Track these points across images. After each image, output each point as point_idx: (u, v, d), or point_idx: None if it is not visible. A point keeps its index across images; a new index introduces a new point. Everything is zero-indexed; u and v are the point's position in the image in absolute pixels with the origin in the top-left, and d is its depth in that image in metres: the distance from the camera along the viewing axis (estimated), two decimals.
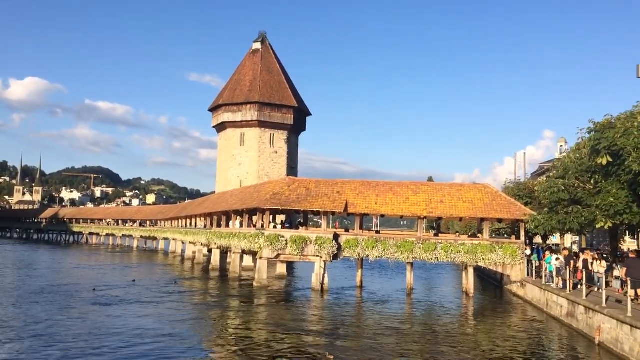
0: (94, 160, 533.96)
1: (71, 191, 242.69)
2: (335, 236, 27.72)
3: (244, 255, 37.30)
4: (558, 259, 22.59)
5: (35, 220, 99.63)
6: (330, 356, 13.65)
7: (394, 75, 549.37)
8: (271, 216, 31.11)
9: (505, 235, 34.78)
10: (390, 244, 27.20)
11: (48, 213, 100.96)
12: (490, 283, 35.65)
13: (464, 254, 26.63)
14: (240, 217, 34.52)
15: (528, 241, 30.66)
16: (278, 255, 27.89)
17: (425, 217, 28.91)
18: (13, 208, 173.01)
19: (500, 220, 31.23)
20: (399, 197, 28.52)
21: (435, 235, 32.81)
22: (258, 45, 66.17)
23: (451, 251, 26.69)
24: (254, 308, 22.66)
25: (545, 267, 23.19)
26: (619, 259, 21.52)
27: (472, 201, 27.86)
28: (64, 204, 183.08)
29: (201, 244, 44.16)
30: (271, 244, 27.38)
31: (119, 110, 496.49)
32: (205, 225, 44.73)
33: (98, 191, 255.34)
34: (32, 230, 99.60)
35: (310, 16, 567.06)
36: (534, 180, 40.48)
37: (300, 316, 20.98)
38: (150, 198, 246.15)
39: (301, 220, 35.41)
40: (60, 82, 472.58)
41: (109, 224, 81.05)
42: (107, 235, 78.81)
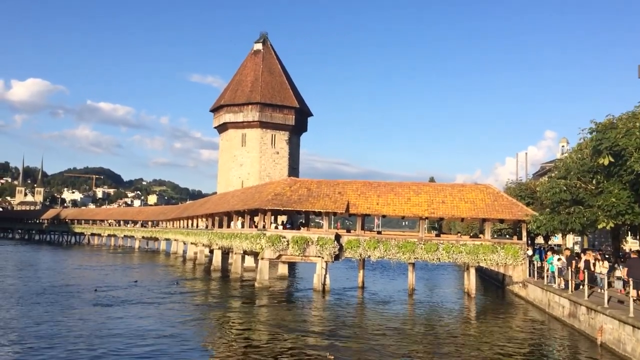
0: (95, 161, 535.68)
1: (73, 192, 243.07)
2: (337, 237, 27.71)
3: (246, 256, 37.32)
4: (560, 259, 22.55)
5: (37, 221, 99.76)
6: (330, 356, 13.65)
7: (395, 75, 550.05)
8: (272, 217, 31.09)
9: (507, 236, 34.73)
10: (391, 244, 27.19)
11: (50, 214, 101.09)
12: (492, 284, 35.60)
13: (466, 254, 26.61)
14: (241, 218, 34.52)
15: (530, 242, 30.62)
16: (279, 256, 27.89)
17: (426, 218, 28.90)
18: (15, 209, 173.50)
19: (501, 221, 31.19)
20: (401, 198, 28.51)
21: (437, 235, 32.80)
22: (259, 46, 66.19)
23: (453, 252, 26.67)
24: (256, 309, 22.65)
25: (547, 268, 23.16)
26: (621, 260, 21.47)
27: (474, 202, 27.84)
28: (65, 204, 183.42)
29: (203, 245, 44.16)
30: (273, 245, 27.38)
31: (120, 111, 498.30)
32: (206, 226, 44.75)
33: (100, 192, 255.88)
34: (34, 231, 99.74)
35: (311, 17, 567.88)
36: (535, 181, 40.47)
37: (301, 317, 20.98)
38: (152, 199, 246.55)
39: (302, 221, 35.39)
40: (61, 83, 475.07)
41: (111, 225, 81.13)
42: (109, 236, 78.87)
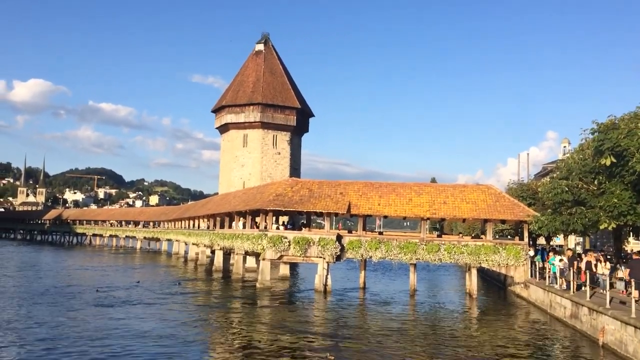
0: (97, 161, 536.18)
1: (74, 192, 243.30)
2: (338, 237, 27.70)
3: (247, 257, 37.33)
4: (562, 260, 22.53)
5: (39, 222, 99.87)
6: (331, 357, 13.65)
7: (396, 75, 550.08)
8: (274, 217, 31.11)
9: (509, 237, 34.68)
10: (393, 245, 27.18)
11: (51, 214, 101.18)
12: (494, 284, 35.57)
13: (467, 255, 26.58)
14: (243, 219, 34.54)
15: (531, 242, 30.59)
16: (281, 257, 27.89)
17: (428, 218, 28.88)
18: (17, 209, 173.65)
19: (503, 221, 31.13)
20: (402, 198, 28.49)
21: (439, 236, 32.76)
22: (261, 47, 66.23)
23: (454, 252, 26.65)
24: (257, 309, 22.65)
25: (549, 268, 23.13)
26: (623, 260, 21.45)
27: (476, 202, 27.82)
28: (67, 205, 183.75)
29: (204, 245, 44.18)
30: (274, 245, 27.38)
31: (122, 111, 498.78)
32: (208, 227, 44.78)
33: (101, 192, 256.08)
34: (36, 232, 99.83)
35: (312, 17, 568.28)
36: (537, 181, 40.42)
37: (303, 317, 20.97)
38: (154, 199, 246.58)
39: (304, 222, 35.39)
40: (63, 84, 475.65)
41: (112, 225, 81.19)
42: (111, 236, 78.92)
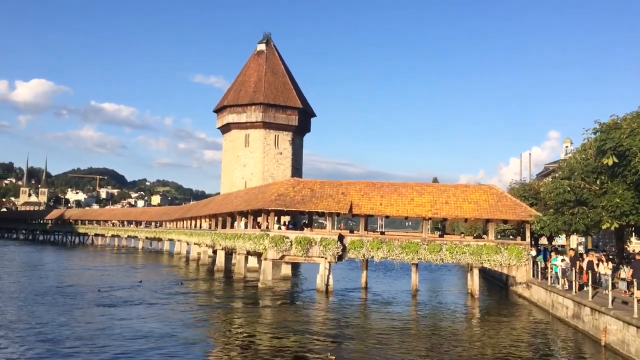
0: (99, 161, 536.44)
1: (77, 192, 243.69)
2: (340, 237, 27.70)
3: (249, 257, 37.34)
4: (564, 260, 22.50)
5: (41, 222, 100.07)
6: (331, 357, 13.65)
7: (398, 75, 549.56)
8: (276, 217, 31.11)
9: (511, 237, 34.66)
10: (395, 245, 27.17)
11: (54, 214, 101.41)
12: (496, 284, 35.53)
13: (469, 255, 26.57)
14: (245, 218, 34.55)
15: (533, 242, 30.55)
16: (283, 257, 27.91)
17: (430, 218, 28.87)
18: (19, 209, 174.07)
19: (505, 221, 31.10)
20: (404, 198, 28.48)
21: (440, 236, 32.72)
22: (262, 47, 66.18)
23: (456, 252, 26.63)
24: (259, 309, 22.66)
25: (551, 268, 23.10)
26: (625, 260, 21.41)
27: (477, 202, 27.80)
28: (69, 205, 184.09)
29: (206, 245, 44.21)
30: (276, 245, 27.40)
31: (124, 111, 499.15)
32: (210, 227, 44.81)
33: (103, 192, 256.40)
34: (38, 231, 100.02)
35: (314, 17, 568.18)
36: (539, 181, 40.40)
37: (305, 317, 20.98)
38: (156, 199, 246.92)
39: (306, 222, 35.40)
40: (65, 84, 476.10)
41: (114, 225, 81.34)
42: (113, 236, 79.07)
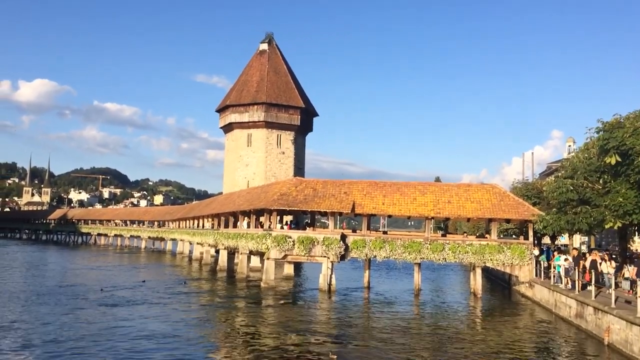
0: (102, 161, 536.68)
1: (79, 192, 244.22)
2: (343, 237, 27.70)
3: (252, 256, 37.36)
4: (567, 259, 22.46)
5: (44, 221, 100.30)
6: (333, 356, 13.66)
7: (400, 75, 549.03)
8: (278, 217, 31.12)
9: (514, 236, 34.62)
10: (397, 244, 27.16)
11: (57, 214, 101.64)
12: (498, 284, 35.49)
13: (472, 254, 26.54)
14: (247, 218, 34.58)
15: (536, 241, 30.50)
16: (285, 256, 27.92)
17: (432, 218, 28.84)
18: (22, 209, 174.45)
19: (508, 221, 31.08)
20: (407, 198, 28.46)
21: (443, 235, 32.75)
22: (265, 46, 66.17)
23: (459, 252, 26.61)
24: (261, 309, 22.68)
25: (554, 268, 23.06)
26: (629, 260, 21.36)
27: (480, 201, 27.76)
28: (72, 204, 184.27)
29: (209, 245, 44.26)
30: (278, 245, 27.41)
31: (126, 111, 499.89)
32: (212, 226, 44.85)
33: (106, 192, 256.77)
34: (41, 231, 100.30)
35: (316, 17, 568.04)
36: (542, 181, 40.27)
37: (307, 317, 20.98)
38: (158, 199, 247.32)
39: (308, 221, 35.42)
40: (68, 84, 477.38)
41: (117, 225, 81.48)
42: (115, 236, 79.23)
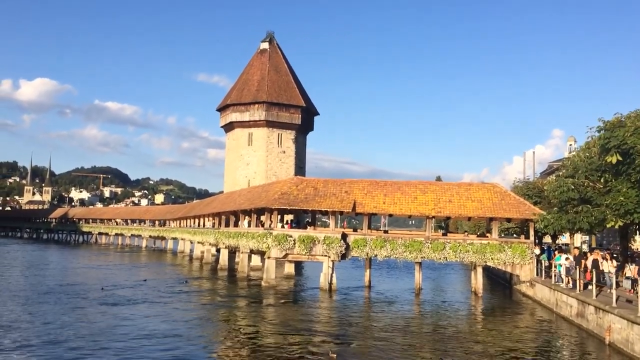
0: (102, 160, 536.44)
1: (80, 191, 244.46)
2: (344, 236, 27.70)
3: (252, 255, 37.37)
4: (568, 258, 22.44)
5: (45, 220, 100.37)
6: (333, 355, 13.66)
7: (402, 74, 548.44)
8: (279, 216, 31.12)
9: (515, 235, 34.59)
10: (398, 243, 27.15)
11: (57, 213, 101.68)
12: (499, 283, 35.49)
13: (473, 253, 26.53)
14: (248, 217, 34.59)
15: (537, 241, 30.48)
16: (286, 255, 27.92)
17: (433, 217, 28.83)
18: (23, 208, 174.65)
19: (509, 220, 31.07)
20: (407, 197, 28.45)
21: (444, 234, 32.72)
22: (266, 45, 66.15)
23: (460, 251, 26.59)
24: (262, 308, 22.68)
25: (555, 267, 23.05)
26: (630, 259, 21.34)
27: (481, 200, 27.75)
28: (73, 203, 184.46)
29: (209, 244, 44.29)
30: (279, 244, 27.41)
31: (127, 110, 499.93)
32: (213, 225, 44.87)
33: (107, 191, 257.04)
34: (42, 230, 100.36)
35: (317, 17, 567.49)
36: (543, 180, 40.29)
37: (308, 316, 20.97)
38: (159, 198, 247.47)
39: (309, 220, 35.42)
40: (69, 83, 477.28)
41: (118, 224, 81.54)
42: (116, 235, 79.29)
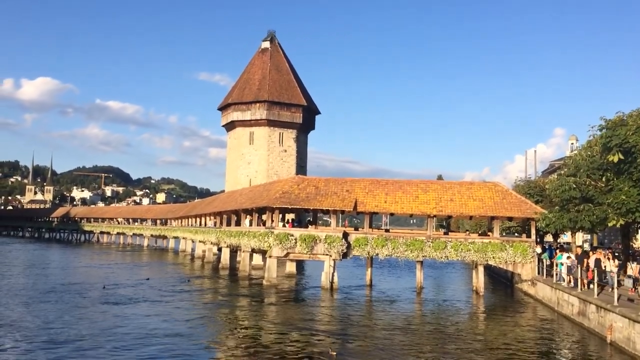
0: (104, 159, 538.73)
1: (82, 190, 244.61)
2: (345, 235, 27.71)
3: (254, 254, 37.40)
4: (569, 257, 22.43)
5: (47, 219, 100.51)
6: (332, 352, 13.69)
7: (403, 74, 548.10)
8: (280, 215, 31.13)
9: (516, 234, 34.58)
10: (399, 242, 27.15)
11: (59, 212, 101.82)
12: (501, 282, 35.48)
13: (474, 252, 26.52)
14: (249, 216, 34.60)
15: (539, 239, 30.47)
16: (287, 254, 27.93)
17: (434, 216, 28.82)
18: (25, 207, 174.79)
19: (510, 219, 31.06)
20: (409, 196, 28.45)
21: (445, 233, 32.73)
22: (267, 44, 66.14)
23: (461, 250, 26.59)
24: (264, 307, 22.71)
25: (556, 266, 23.03)
26: (632, 257, 21.32)
27: (482, 199, 27.73)
28: (75, 203, 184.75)
29: (211, 243, 44.32)
30: (280, 243, 27.42)
31: (129, 109, 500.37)
32: (214, 224, 44.90)
33: (109, 190, 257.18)
34: (44, 229, 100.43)
35: (317, 17, 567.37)
36: (544, 178, 40.26)
37: (309, 315, 20.99)
38: (160, 197, 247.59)
39: (310, 219, 35.44)
40: (71, 82, 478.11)
41: (120, 223, 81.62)
42: (118, 234, 79.36)
